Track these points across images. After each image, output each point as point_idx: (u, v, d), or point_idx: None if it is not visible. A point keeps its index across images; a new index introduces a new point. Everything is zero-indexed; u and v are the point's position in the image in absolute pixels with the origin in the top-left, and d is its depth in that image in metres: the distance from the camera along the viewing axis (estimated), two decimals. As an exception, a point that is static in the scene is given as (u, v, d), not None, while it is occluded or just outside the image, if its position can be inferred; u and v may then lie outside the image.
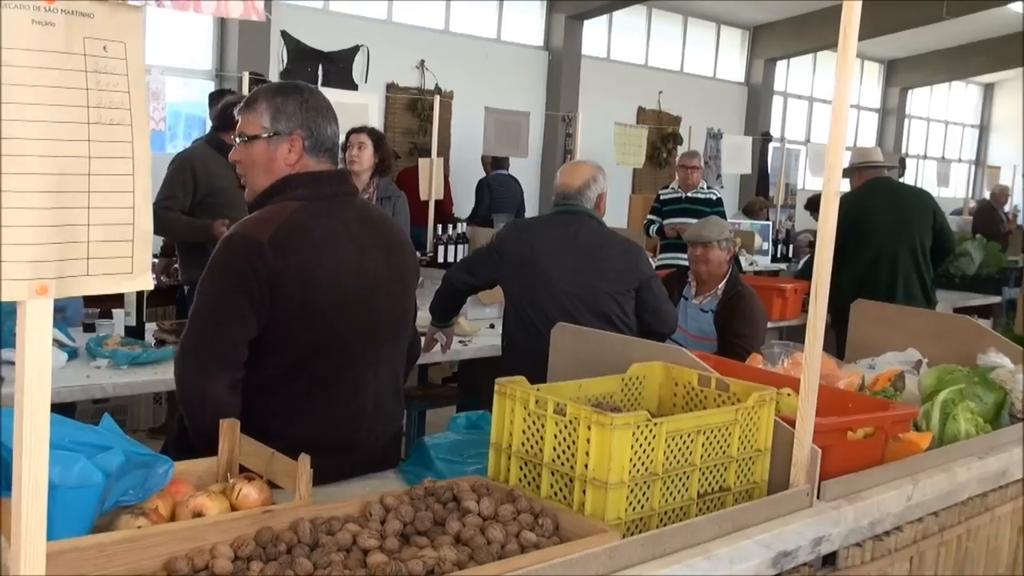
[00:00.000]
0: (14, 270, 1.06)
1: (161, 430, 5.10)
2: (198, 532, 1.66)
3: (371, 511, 1.80)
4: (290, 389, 2.29)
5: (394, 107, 11.40)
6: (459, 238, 6.89)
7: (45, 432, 1.10)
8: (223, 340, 2.22)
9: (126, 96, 1.12)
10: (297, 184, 2.32)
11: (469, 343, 4.49)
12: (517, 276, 3.76)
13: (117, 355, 3.52)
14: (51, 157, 1.08)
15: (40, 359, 1.09)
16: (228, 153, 4.66)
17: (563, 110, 12.60)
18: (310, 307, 2.25)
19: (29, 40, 1.05)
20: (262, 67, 9.54)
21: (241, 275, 2.21)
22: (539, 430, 1.97)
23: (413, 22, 11.70)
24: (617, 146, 9.58)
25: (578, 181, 3.77)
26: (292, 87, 2.41)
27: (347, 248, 2.34)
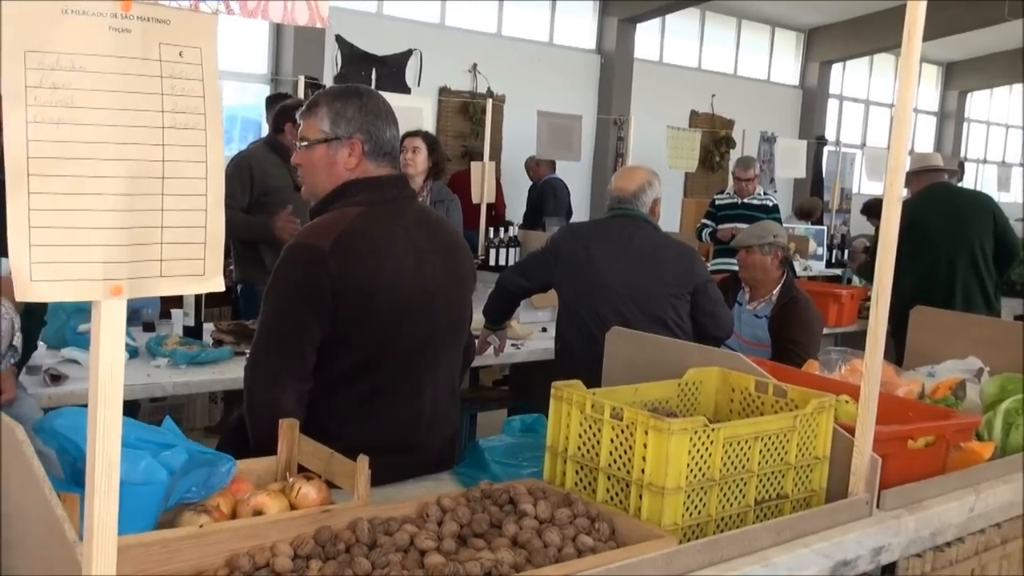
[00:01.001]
0: (90, 271, 1.09)
1: (216, 429, 5.17)
2: (259, 530, 1.69)
3: (428, 512, 1.81)
4: (349, 391, 2.31)
5: (446, 110, 11.45)
6: (511, 241, 6.90)
7: (117, 430, 1.13)
8: (290, 350, 2.25)
9: (200, 101, 1.15)
10: (357, 190, 2.34)
11: (522, 346, 4.50)
12: (572, 279, 3.76)
13: (176, 355, 3.58)
14: (127, 161, 1.10)
15: (113, 359, 1.12)
16: (284, 155, 4.80)
17: (615, 113, 12.57)
18: (371, 312, 2.27)
19: (107, 47, 1.08)
20: (317, 71, 9.64)
21: (304, 284, 2.24)
22: (595, 434, 1.97)
23: (466, 26, 11.76)
24: (669, 150, 9.53)
25: (633, 186, 3.77)
26: (352, 91, 2.42)
27: (407, 253, 2.35)
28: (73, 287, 1.08)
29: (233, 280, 5.25)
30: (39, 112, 1.04)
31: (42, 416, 1.80)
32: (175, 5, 1.11)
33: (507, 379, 5.96)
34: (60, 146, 1.06)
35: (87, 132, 1.07)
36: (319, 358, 2.27)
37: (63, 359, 3.48)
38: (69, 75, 1.05)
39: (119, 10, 1.08)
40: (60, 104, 1.05)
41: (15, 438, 1.38)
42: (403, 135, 5.15)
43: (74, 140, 1.06)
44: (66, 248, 1.07)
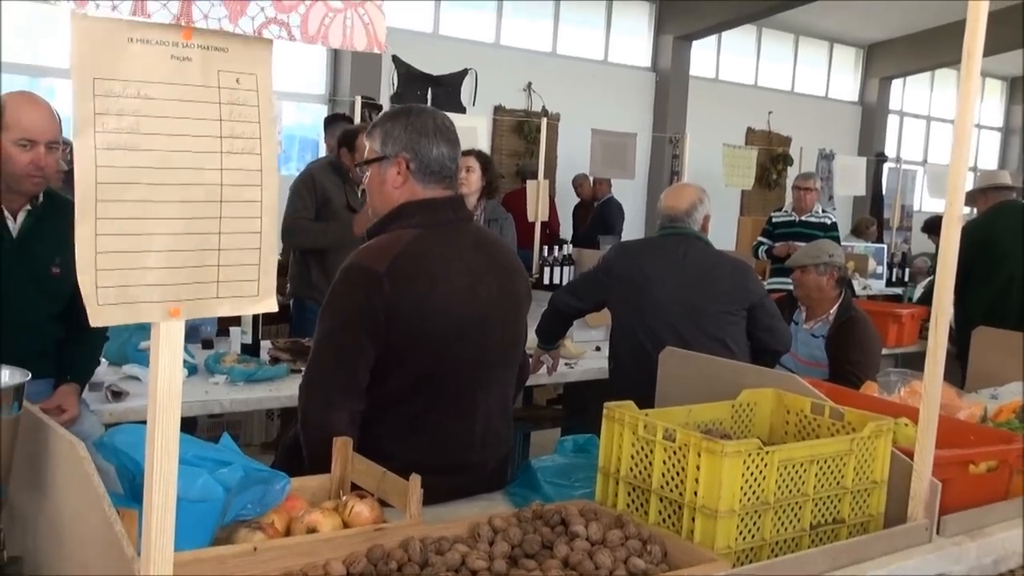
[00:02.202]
0: (150, 294, 1.12)
1: (273, 445, 5.23)
2: (313, 547, 1.70)
3: (480, 532, 1.82)
4: (402, 411, 2.33)
5: (501, 129, 11.52)
6: (565, 260, 6.91)
7: (175, 447, 1.15)
8: (344, 371, 2.27)
9: (257, 126, 1.17)
10: (413, 212, 2.35)
11: (575, 365, 4.49)
12: (625, 298, 3.75)
13: (234, 372, 3.63)
14: (186, 185, 1.13)
15: (171, 378, 1.14)
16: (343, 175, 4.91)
17: (670, 131, 12.53)
18: (424, 334, 2.28)
19: (167, 74, 1.11)
20: (374, 91, 9.77)
21: (358, 306, 2.26)
22: (648, 456, 1.96)
23: (521, 45, 11.83)
24: (726, 167, 9.47)
25: (685, 203, 3.76)
26: (402, 110, 2.44)
27: (461, 275, 2.36)
28: (134, 310, 1.11)
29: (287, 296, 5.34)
30: (106, 139, 1.07)
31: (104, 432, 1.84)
32: (238, 31, 1.14)
33: (561, 398, 5.95)
34: (125, 172, 1.09)
35: (150, 158, 1.10)
36: (372, 378, 2.29)
37: (124, 376, 3.55)
38: (134, 102, 1.08)
39: (181, 39, 1.11)
40: (126, 131, 1.08)
41: (77, 455, 1.41)
42: (459, 155, 5.19)
43: (138, 166, 1.09)
44: (129, 272, 1.10)
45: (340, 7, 1.21)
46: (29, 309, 2.93)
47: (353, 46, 1.23)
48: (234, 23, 1.14)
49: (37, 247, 2.93)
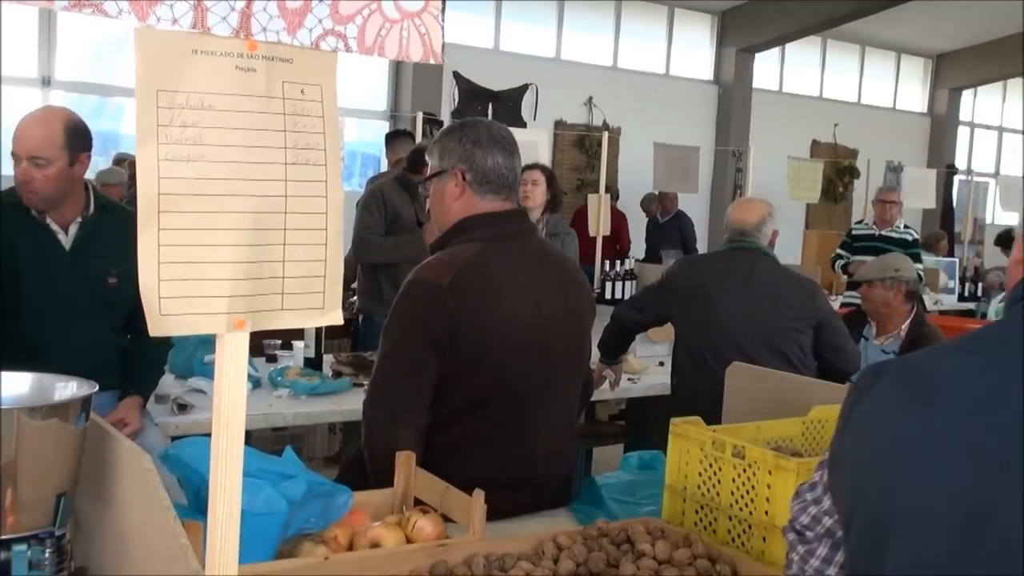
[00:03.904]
0: (214, 305, 1.11)
1: (335, 459, 5.26)
2: (376, 562, 1.69)
3: (544, 549, 1.79)
4: (465, 427, 2.30)
5: (562, 144, 11.50)
6: (627, 274, 6.86)
7: (239, 460, 1.14)
8: (408, 387, 2.26)
9: (321, 137, 1.16)
10: (476, 225, 2.34)
11: (638, 381, 4.43)
12: (689, 313, 3.70)
13: (297, 385, 3.65)
14: (251, 196, 1.13)
15: (236, 390, 1.14)
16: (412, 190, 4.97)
17: (733, 144, 12.40)
18: (487, 350, 2.26)
19: (233, 86, 1.11)
20: (435, 107, 9.83)
21: (422, 321, 2.25)
22: (716, 473, 1.92)
23: (581, 59, 11.82)
24: (791, 180, 9.33)
25: (754, 218, 3.70)
26: (459, 123, 2.44)
27: (525, 290, 2.33)
28: (198, 320, 1.11)
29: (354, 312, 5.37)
30: (170, 150, 1.07)
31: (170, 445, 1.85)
32: (297, 44, 1.14)
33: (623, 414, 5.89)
34: (188, 183, 1.09)
35: (214, 169, 1.10)
36: (436, 394, 2.27)
37: (190, 389, 3.59)
38: (198, 113, 1.08)
39: (246, 50, 1.11)
40: (189, 142, 1.08)
41: (143, 466, 1.41)
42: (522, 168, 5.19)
43: (202, 177, 1.09)
44: (192, 283, 1.10)
45: (397, 18, 1.20)
46: (88, 321, 2.97)
47: (409, 57, 1.22)
48: (292, 35, 1.13)
49: (92, 259, 2.96)
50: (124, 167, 7.16)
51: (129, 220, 3.10)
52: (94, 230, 2.96)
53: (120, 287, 3.02)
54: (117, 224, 3.05)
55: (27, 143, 2.78)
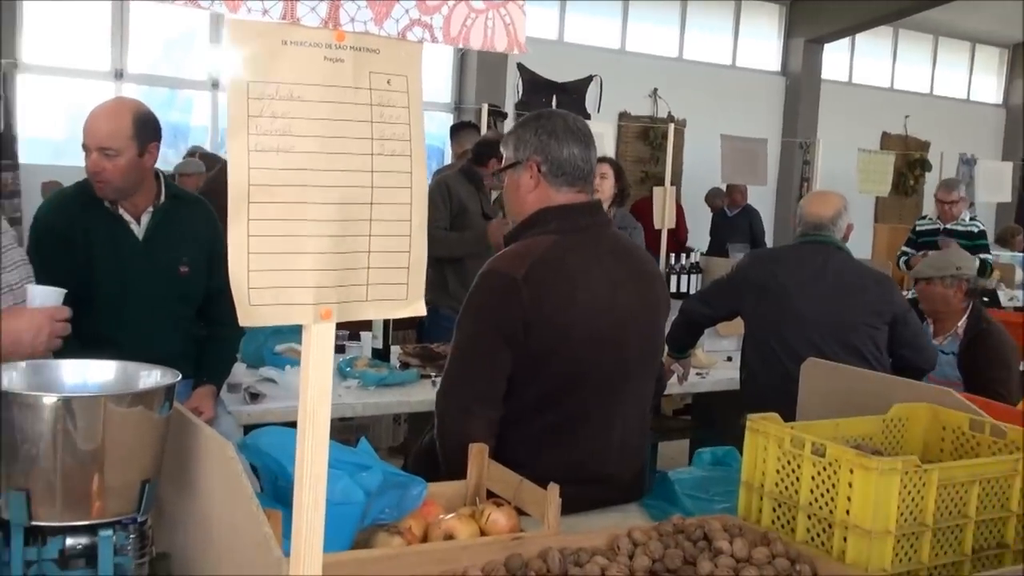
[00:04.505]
0: (302, 295, 1.12)
1: (400, 449, 5.29)
2: (451, 554, 1.69)
3: (619, 545, 1.77)
4: (539, 420, 2.29)
5: (626, 136, 11.43)
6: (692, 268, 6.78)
7: (324, 449, 1.15)
8: (482, 378, 2.26)
9: (407, 128, 1.16)
10: (551, 217, 2.32)
11: (706, 375, 4.39)
12: (760, 307, 3.64)
13: (366, 376, 3.68)
14: (338, 187, 1.13)
15: (321, 381, 1.14)
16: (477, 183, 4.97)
17: (800, 136, 12.21)
18: (563, 342, 2.25)
19: (322, 76, 1.11)
20: (499, 99, 9.83)
21: (496, 311, 2.24)
22: (795, 471, 1.88)
23: (646, 51, 11.73)
24: (861, 173, 9.14)
25: (830, 211, 3.63)
26: (535, 115, 2.43)
27: (600, 282, 2.31)
28: (286, 311, 1.11)
29: (422, 302, 5.39)
30: (260, 140, 1.07)
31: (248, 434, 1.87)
32: (383, 34, 1.13)
33: (688, 409, 5.84)
34: (278, 173, 1.09)
35: (303, 159, 1.10)
36: (510, 386, 2.27)
37: (261, 378, 3.63)
38: (288, 104, 1.09)
39: (334, 40, 1.11)
40: (279, 132, 1.08)
41: (226, 455, 1.43)
42: (595, 160, 5.19)
43: (291, 167, 1.10)
44: (280, 273, 1.10)
45: (482, 8, 1.19)
46: (162, 310, 3.01)
47: (494, 47, 1.21)
48: (379, 26, 1.13)
49: (164, 248, 3.00)
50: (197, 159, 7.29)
51: (200, 209, 3.17)
52: (166, 219, 3.00)
53: (192, 275, 3.06)
54: (188, 213, 3.09)
55: (97, 134, 2.83)
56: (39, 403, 1.44)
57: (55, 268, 2.56)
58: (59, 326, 2.01)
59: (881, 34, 13.63)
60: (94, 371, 1.64)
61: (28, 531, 1.44)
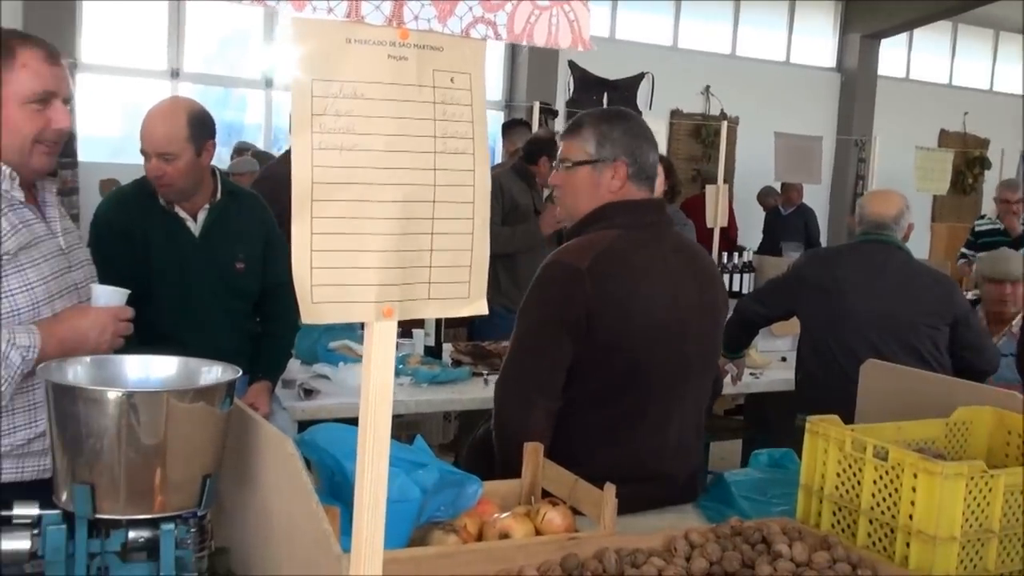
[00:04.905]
0: (364, 293, 1.12)
1: (450, 447, 5.31)
2: (507, 553, 1.69)
3: (676, 546, 1.75)
4: (597, 415, 2.29)
5: (678, 133, 11.35)
6: (745, 267, 6.71)
7: (386, 447, 1.15)
8: (543, 368, 2.25)
9: (469, 126, 1.16)
10: (616, 212, 2.32)
11: (760, 376, 4.34)
12: (817, 307, 3.60)
13: (419, 374, 3.69)
14: (401, 185, 1.12)
15: (383, 379, 1.14)
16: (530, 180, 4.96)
17: (856, 134, 12.02)
18: (623, 336, 2.25)
19: (385, 74, 1.11)
20: (549, 97, 9.80)
21: (559, 302, 2.24)
22: (856, 474, 1.85)
23: (699, 47, 11.63)
24: (918, 171, 8.97)
25: (893, 210, 3.58)
26: (617, 113, 2.42)
27: (663, 279, 2.31)
28: (348, 309, 1.11)
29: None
30: (323, 139, 1.07)
31: (305, 430, 1.88)
32: (447, 31, 1.13)
33: (740, 409, 5.79)
34: (341, 171, 1.09)
35: (366, 157, 1.10)
36: (569, 378, 2.26)
37: (315, 374, 3.67)
38: (351, 102, 1.09)
39: (398, 38, 1.11)
40: (342, 131, 1.08)
41: (286, 451, 1.44)
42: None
43: (354, 165, 1.10)
44: (343, 271, 1.10)
45: (546, 5, 1.18)
46: (219, 307, 3.05)
47: (558, 44, 1.21)
48: (443, 23, 1.13)
49: (220, 244, 3.03)
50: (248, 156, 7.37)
51: (255, 205, 3.20)
52: (222, 216, 3.04)
53: (248, 271, 3.09)
54: (244, 209, 3.12)
55: (154, 140, 2.86)
56: (104, 398, 1.46)
57: (114, 264, 2.61)
58: (122, 326, 2.04)
59: (939, 29, 13.36)
60: (156, 366, 1.66)
61: (91, 524, 1.46)
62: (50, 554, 1.43)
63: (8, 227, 1.94)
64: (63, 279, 2.06)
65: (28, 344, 1.87)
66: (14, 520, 1.45)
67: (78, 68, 8.19)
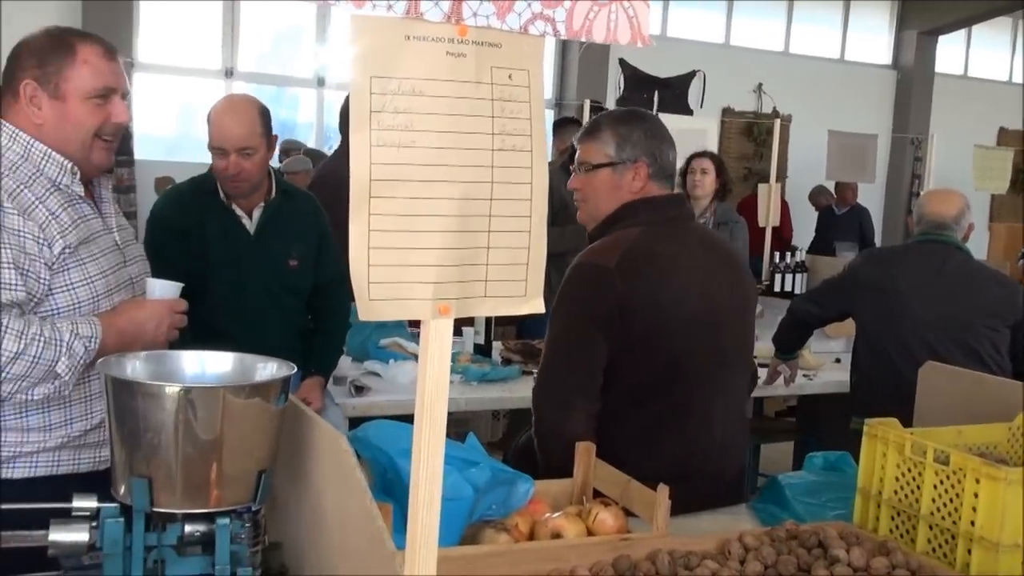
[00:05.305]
0: (421, 291, 1.11)
1: (499, 445, 5.31)
2: (559, 553, 1.68)
3: (730, 549, 1.73)
4: (639, 414, 2.27)
5: (729, 132, 11.23)
6: (797, 267, 6.63)
7: (441, 445, 1.15)
8: (579, 370, 2.24)
9: (527, 123, 1.15)
10: (638, 210, 2.32)
11: (813, 377, 4.28)
12: (874, 308, 3.54)
13: (469, 372, 3.69)
14: (458, 183, 1.12)
15: (439, 376, 1.14)
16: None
17: (912, 132, 11.81)
18: (658, 331, 2.24)
19: (443, 71, 1.10)
20: (600, 95, 9.76)
21: (590, 302, 2.24)
22: (915, 479, 1.81)
23: (751, 45, 11.51)
24: (976, 170, 8.79)
25: (954, 210, 3.51)
26: (634, 115, 2.43)
27: (693, 272, 2.31)
28: (405, 306, 1.11)
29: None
30: (382, 136, 1.07)
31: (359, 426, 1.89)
32: (505, 28, 1.12)
33: (791, 410, 5.72)
34: (399, 168, 1.09)
35: (424, 154, 1.10)
36: (607, 379, 2.25)
37: (366, 371, 3.69)
38: (409, 99, 1.08)
39: (456, 35, 1.10)
40: (401, 128, 1.08)
41: (340, 448, 1.44)
42: (690, 156, 5.13)
43: (412, 163, 1.09)
44: (401, 268, 1.10)
45: (605, 1, 1.17)
46: (272, 303, 3.08)
47: (617, 40, 1.19)
48: (502, 20, 1.12)
49: (275, 242, 3.06)
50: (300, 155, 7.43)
51: (309, 204, 3.23)
52: (276, 214, 3.07)
53: (301, 269, 3.12)
54: (298, 208, 3.15)
55: (234, 136, 2.90)
56: (162, 392, 1.47)
57: (171, 260, 2.64)
58: (178, 318, 2.07)
59: (999, 25, 13.07)
60: (212, 362, 1.67)
61: (148, 517, 1.48)
62: (108, 547, 1.45)
63: (69, 221, 1.97)
64: (120, 274, 2.09)
65: (90, 335, 1.91)
66: (73, 512, 1.47)
67: (135, 67, 8.32)
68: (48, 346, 1.84)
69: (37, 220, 1.91)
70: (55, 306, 1.94)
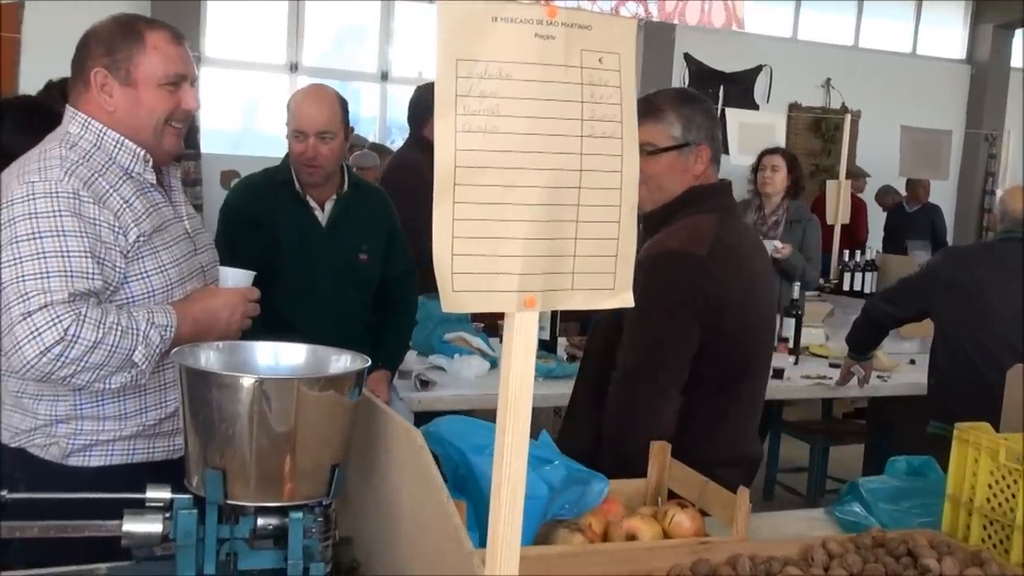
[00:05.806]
0: (506, 282, 1.08)
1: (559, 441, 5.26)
2: (635, 555, 1.63)
3: (813, 556, 1.67)
4: (714, 406, 2.22)
5: (796, 127, 11.03)
6: (867, 265, 6.47)
7: (525, 442, 1.11)
8: (676, 360, 2.18)
9: (617, 108, 1.10)
10: (705, 196, 2.26)
11: (888, 379, 4.16)
12: (953, 307, 3.42)
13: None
14: (545, 170, 1.08)
15: (524, 370, 1.10)
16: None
17: (986, 128, 11.50)
18: (746, 322, 2.22)
19: (532, 54, 1.06)
20: (664, 89, 9.64)
21: (687, 290, 2.16)
22: (1010, 486, 1.73)
23: (819, 39, 11.30)
24: (1054, 167, 8.54)
25: (1034, 206, 3.38)
26: (691, 95, 2.34)
27: (759, 263, 2.34)
28: (490, 298, 1.07)
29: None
30: (467, 121, 1.04)
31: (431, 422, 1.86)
32: (596, 10, 1.08)
33: (859, 412, 5.59)
34: (485, 155, 1.05)
35: (510, 141, 1.06)
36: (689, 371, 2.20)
37: (431, 365, 3.67)
38: (496, 83, 1.05)
39: (545, 16, 1.06)
40: (487, 112, 1.04)
41: (415, 443, 1.41)
42: (762, 152, 5.04)
43: (498, 149, 1.06)
44: (485, 258, 1.06)
45: (697, -16, 1.12)
46: (342, 296, 3.07)
47: (711, 23, 1.17)
48: (592, 1, 1.08)
49: (345, 235, 3.06)
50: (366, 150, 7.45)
51: (379, 198, 3.22)
52: (348, 207, 3.06)
53: (370, 263, 3.11)
54: (368, 202, 3.14)
55: (316, 120, 2.93)
56: (236, 383, 1.45)
57: (243, 251, 2.64)
58: (251, 306, 2.06)
59: (1079, 18, 12.68)
60: (285, 354, 1.65)
61: (221, 509, 1.46)
62: (181, 538, 1.44)
63: (143, 209, 1.97)
64: (191, 262, 2.08)
65: (166, 323, 1.91)
66: (147, 503, 1.46)
67: (201, 62, 8.42)
68: (125, 335, 1.84)
69: (112, 208, 1.91)
70: (130, 294, 1.94)
